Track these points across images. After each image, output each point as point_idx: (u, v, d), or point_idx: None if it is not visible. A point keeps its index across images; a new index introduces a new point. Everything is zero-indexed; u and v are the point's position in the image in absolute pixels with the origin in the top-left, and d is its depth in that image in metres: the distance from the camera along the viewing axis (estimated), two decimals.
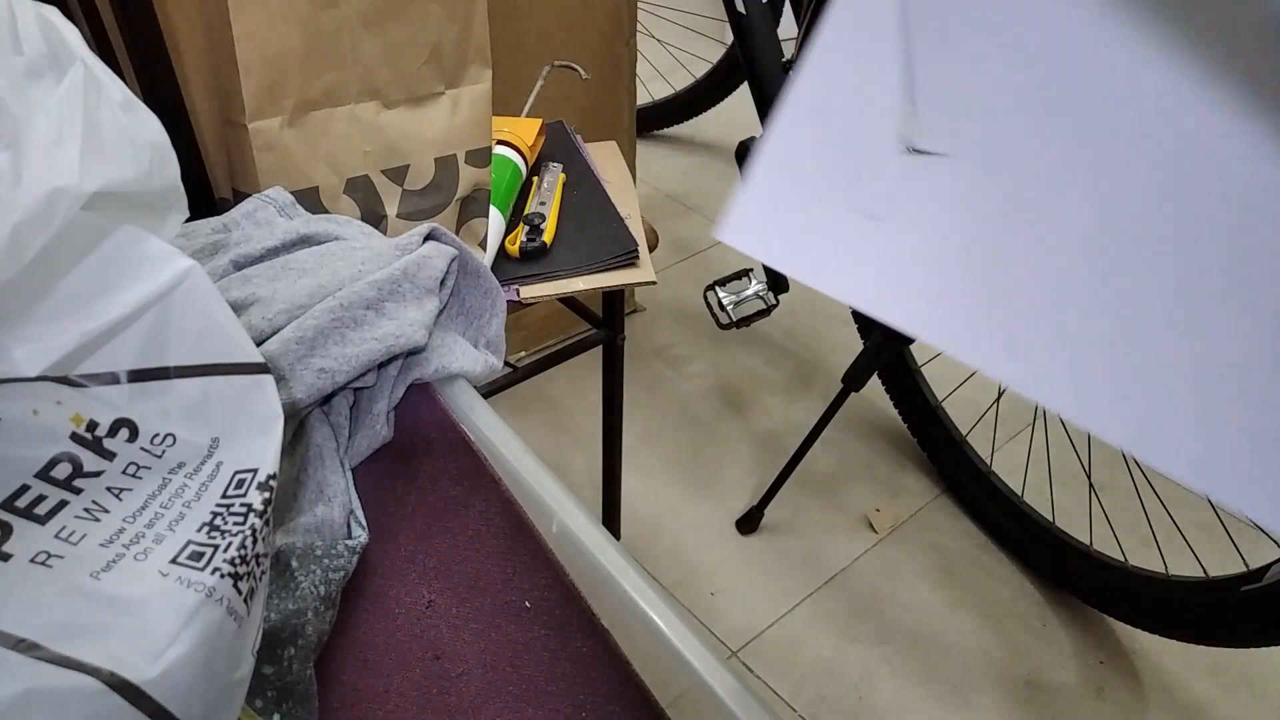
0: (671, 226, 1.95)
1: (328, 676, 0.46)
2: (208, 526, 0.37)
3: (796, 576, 1.29)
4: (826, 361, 1.63)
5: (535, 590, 0.50)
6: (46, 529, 0.34)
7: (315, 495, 0.52)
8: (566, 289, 0.90)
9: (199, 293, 0.39)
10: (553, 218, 0.95)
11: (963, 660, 1.20)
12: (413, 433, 0.59)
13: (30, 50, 0.38)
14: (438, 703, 0.45)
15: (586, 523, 0.50)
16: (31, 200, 0.33)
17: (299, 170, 0.72)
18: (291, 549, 0.47)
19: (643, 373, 1.60)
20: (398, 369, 0.58)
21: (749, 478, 1.42)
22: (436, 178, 0.80)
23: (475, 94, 0.79)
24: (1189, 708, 1.14)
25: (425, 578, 0.51)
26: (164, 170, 0.40)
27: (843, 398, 1.27)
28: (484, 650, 0.47)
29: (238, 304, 0.55)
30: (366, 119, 0.74)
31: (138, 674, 0.32)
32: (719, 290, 1.35)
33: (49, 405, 0.35)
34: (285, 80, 0.68)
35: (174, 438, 0.39)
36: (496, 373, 0.63)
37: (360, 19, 0.70)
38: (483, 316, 0.64)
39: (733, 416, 1.53)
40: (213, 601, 0.35)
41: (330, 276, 0.56)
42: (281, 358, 0.51)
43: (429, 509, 0.54)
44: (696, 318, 1.71)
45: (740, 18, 1.35)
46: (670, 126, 2.23)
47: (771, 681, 1.17)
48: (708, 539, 1.34)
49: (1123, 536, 1.23)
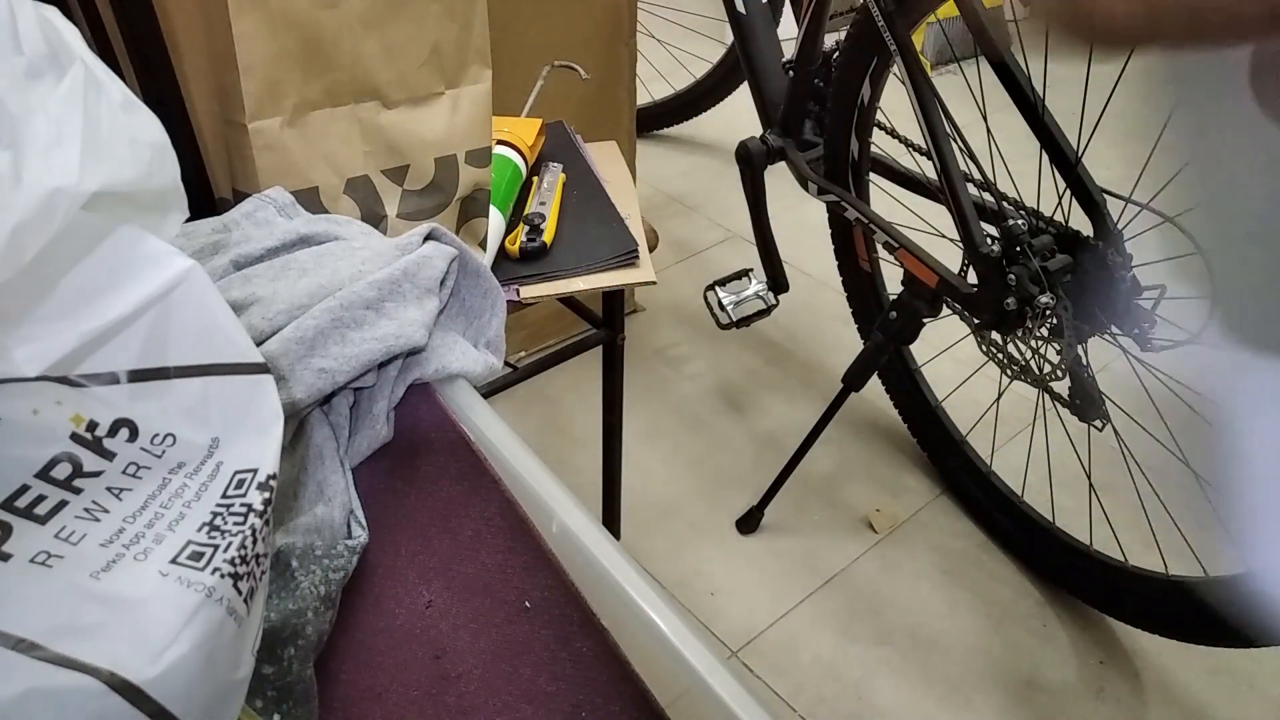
0: (671, 226, 1.95)
1: (327, 676, 0.46)
2: (208, 526, 0.37)
3: (796, 576, 1.29)
4: (826, 361, 1.63)
5: (535, 590, 0.50)
6: (46, 529, 0.34)
7: (315, 495, 0.52)
8: (566, 289, 0.90)
9: (199, 293, 0.39)
10: (553, 218, 0.95)
11: (963, 660, 1.20)
12: (413, 433, 0.59)
13: (30, 50, 0.38)
14: (438, 703, 0.45)
15: (586, 523, 0.50)
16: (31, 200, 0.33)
17: (299, 170, 0.72)
18: (291, 549, 0.47)
19: (643, 373, 1.60)
20: (398, 369, 0.58)
21: (749, 478, 1.42)
22: (436, 178, 0.80)
23: (475, 94, 0.79)
24: (1189, 708, 1.14)
25: (425, 578, 0.51)
26: (164, 170, 0.40)
27: (843, 398, 1.27)
28: (484, 650, 0.47)
29: (238, 304, 0.55)
30: (366, 119, 0.74)
31: (138, 674, 0.32)
32: (719, 290, 1.35)
33: (49, 405, 0.35)
34: (285, 80, 0.68)
35: (174, 438, 0.39)
36: (496, 373, 0.63)
37: (360, 19, 0.70)
38: (483, 316, 0.64)
39: (733, 416, 1.53)
40: (213, 601, 0.35)
41: (330, 276, 0.56)
42: (281, 358, 0.51)
43: (429, 509, 0.54)
44: (696, 318, 1.71)
45: (740, 18, 1.35)
46: (670, 126, 2.23)
47: (771, 681, 1.17)
48: (708, 539, 1.34)
49: (1123, 536, 1.23)
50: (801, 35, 1.25)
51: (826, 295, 1.74)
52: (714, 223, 1.97)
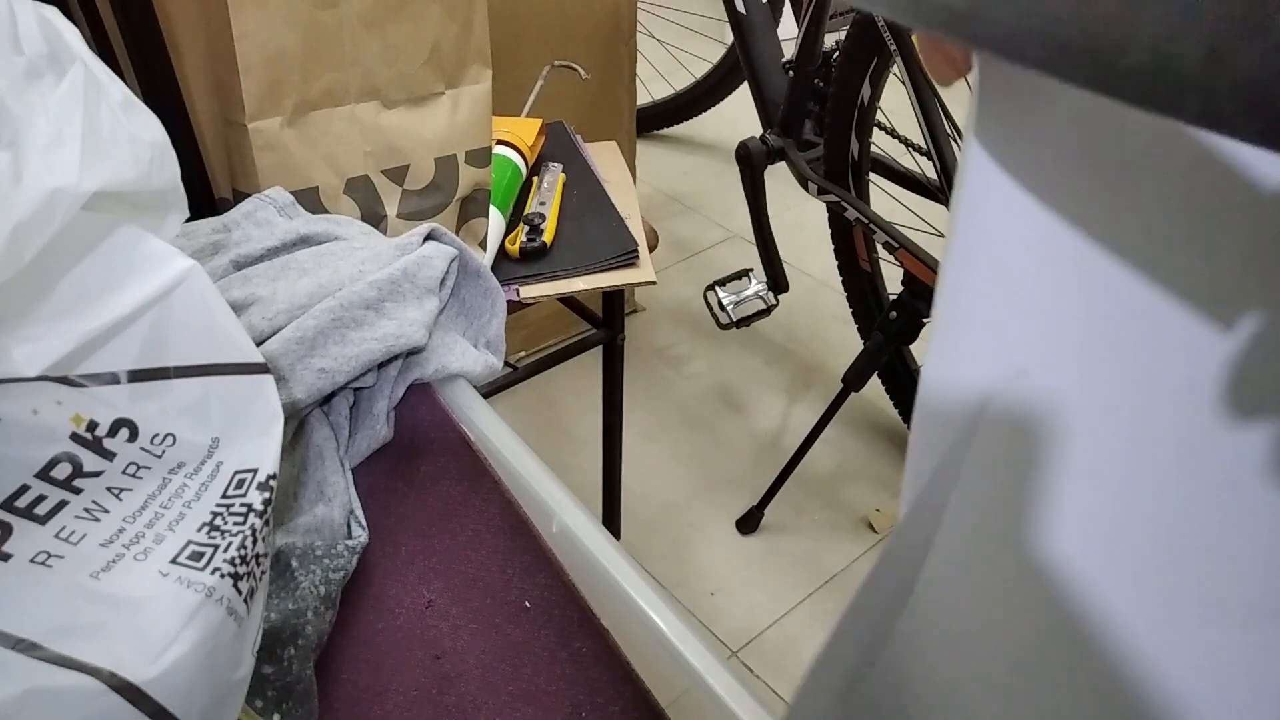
0: (671, 226, 1.95)
1: (328, 676, 0.46)
2: (208, 526, 0.37)
3: (796, 576, 1.29)
4: (826, 361, 1.63)
5: (535, 590, 0.50)
6: (46, 529, 0.34)
7: (315, 495, 0.52)
8: (566, 289, 0.90)
9: (199, 293, 0.39)
10: (553, 218, 0.95)
11: None
12: (413, 432, 0.59)
13: (30, 50, 0.38)
14: (438, 703, 0.45)
15: (586, 523, 0.50)
16: (31, 200, 0.33)
17: (299, 170, 0.72)
18: (291, 549, 0.47)
19: (643, 373, 1.60)
20: (398, 369, 0.58)
21: (749, 478, 1.42)
22: (436, 178, 0.80)
23: (475, 94, 0.79)
24: None
25: (425, 578, 0.51)
26: (164, 170, 0.40)
27: (843, 398, 1.27)
28: (484, 650, 0.47)
29: (238, 304, 0.55)
30: (366, 119, 0.74)
31: (138, 674, 0.32)
32: (719, 290, 1.35)
33: (49, 405, 0.35)
34: (285, 80, 0.68)
35: (174, 438, 0.39)
36: (496, 373, 0.63)
37: (360, 19, 0.70)
38: (483, 316, 0.64)
39: (733, 416, 1.53)
40: (213, 601, 0.35)
41: (330, 276, 0.56)
42: (281, 358, 0.51)
43: (429, 509, 0.54)
44: (696, 318, 1.71)
45: (740, 18, 1.35)
46: (670, 126, 2.23)
47: (771, 681, 1.17)
48: (708, 539, 1.34)
49: None
50: (801, 35, 1.25)
51: (827, 295, 1.74)
52: (714, 223, 1.97)
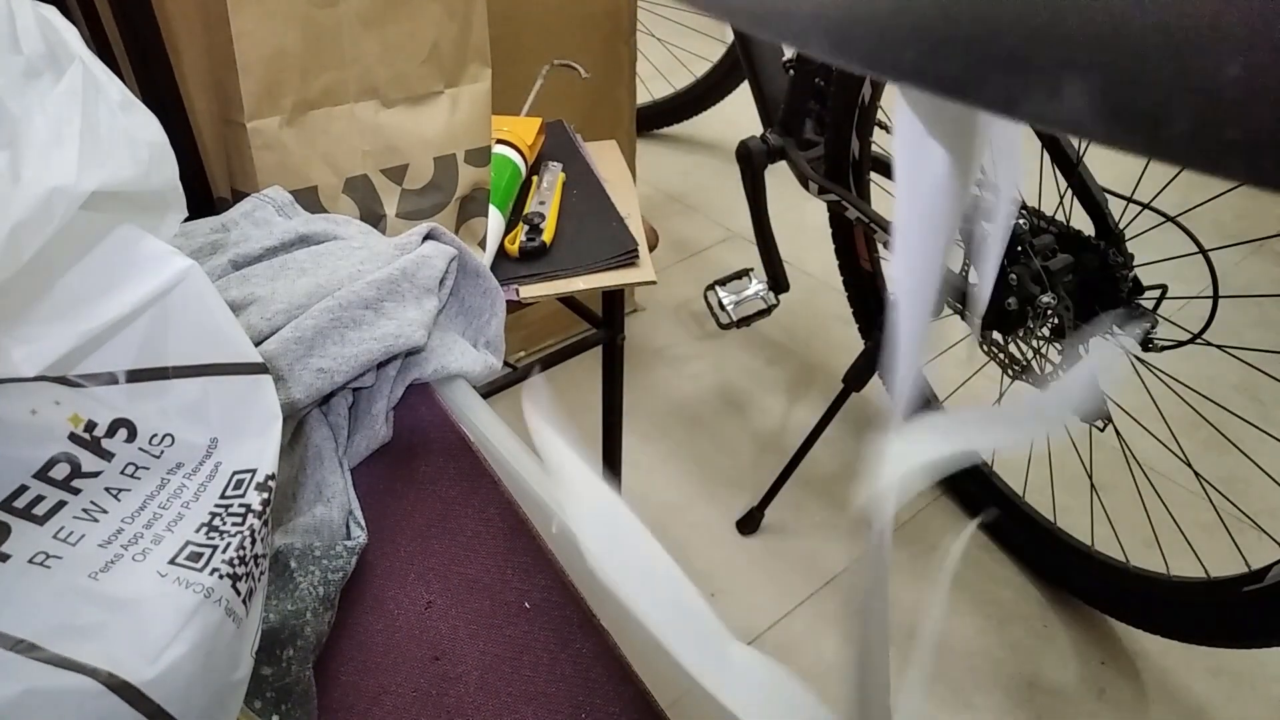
0: (671, 226, 1.94)
1: (327, 677, 0.46)
2: (206, 527, 0.37)
3: (797, 577, 1.29)
4: (826, 361, 1.63)
5: (535, 590, 0.50)
6: (45, 529, 0.34)
7: (314, 496, 0.52)
8: (566, 289, 0.90)
9: (197, 292, 0.39)
10: (552, 217, 0.95)
11: (964, 661, 1.19)
12: (412, 433, 0.58)
13: (29, 50, 0.38)
14: (437, 703, 0.45)
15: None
16: (30, 200, 0.33)
17: (298, 170, 0.72)
18: (290, 549, 0.47)
19: (643, 373, 1.60)
20: (397, 369, 0.58)
21: (749, 478, 1.42)
22: (435, 177, 0.80)
23: (474, 93, 0.79)
24: (1190, 709, 1.14)
25: (424, 578, 0.51)
26: (162, 170, 0.40)
27: (843, 398, 1.27)
28: (483, 650, 0.47)
29: (236, 304, 0.55)
30: (365, 118, 0.74)
31: (136, 675, 0.32)
32: (719, 290, 1.35)
33: (47, 405, 0.35)
34: (284, 79, 0.68)
35: (172, 438, 0.38)
36: (496, 373, 0.63)
37: (359, 18, 0.70)
38: (482, 316, 0.64)
39: (733, 416, 1.53)
40: (211, 602, 0.35)
41: (329, 276, 0.56)
42: (280, 358, 0.51)
43: (429, 509, 0.54)
44: (696, 318, 1.71)
45: None
46: (670, 126, 2.22)
47: None
48: (708, 539, 1.34)
49: (1124, 537, 1.23)
50: None
51: (827, 295, 1.73)
52: (714, 222, 1.97)
